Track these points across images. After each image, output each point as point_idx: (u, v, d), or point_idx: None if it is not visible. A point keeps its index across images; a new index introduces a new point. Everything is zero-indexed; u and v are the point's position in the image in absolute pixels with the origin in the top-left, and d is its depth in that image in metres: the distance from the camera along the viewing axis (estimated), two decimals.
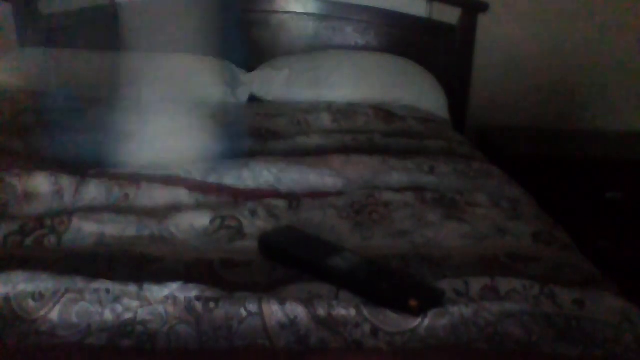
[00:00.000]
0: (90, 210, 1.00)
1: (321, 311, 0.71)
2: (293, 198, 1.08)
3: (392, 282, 0.79)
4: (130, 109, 1.63)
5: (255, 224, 0.98)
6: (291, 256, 0.86)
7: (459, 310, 0.72)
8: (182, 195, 1.07)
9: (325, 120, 1.61)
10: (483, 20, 2.09)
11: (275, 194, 1.12)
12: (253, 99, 1.91)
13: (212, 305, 0.72)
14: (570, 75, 2.19)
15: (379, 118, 1.63)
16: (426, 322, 0.71)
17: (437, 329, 0.71)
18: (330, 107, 1.75)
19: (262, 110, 1.74)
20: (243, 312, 0.71)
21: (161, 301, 0.72)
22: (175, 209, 1.02)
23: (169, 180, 1.12)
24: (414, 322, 0.71)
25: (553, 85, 2.20)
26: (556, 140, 2.12)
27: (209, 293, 0.74)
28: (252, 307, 0.71)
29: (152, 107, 1.57)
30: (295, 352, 0.68)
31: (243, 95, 1.90)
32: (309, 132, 1.50)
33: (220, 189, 1.12)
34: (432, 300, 0.76)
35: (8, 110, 1.57)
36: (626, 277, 1.13)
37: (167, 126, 1.39)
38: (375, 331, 0.70)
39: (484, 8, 2.07)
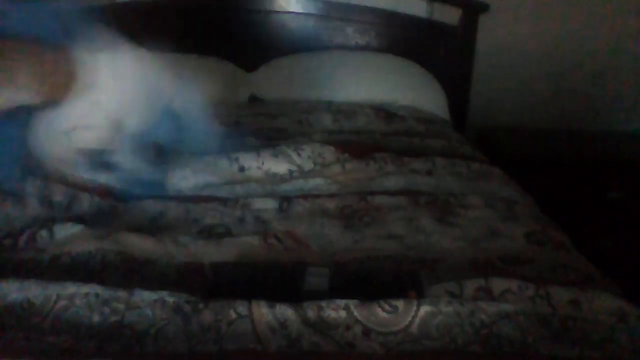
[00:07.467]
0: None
1: (311, 314, 0.70)
2: (284, 198, 1.08)
3: (378, 279, 0.80)
4: None
5: (245, 229, 0.97)
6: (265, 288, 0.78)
7: (453, 310, 0.71)
8: (170, 206, 1.06)
9: (327, 120, 1.61)
10: (483, 20, 2.09)
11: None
12: (253, 99, 1.91)
13: (200, 306, 0.71)
14: (571, 76, 2.18)
15: (379, 118, 1.63)
16: (417, 320, 0.71)
17: (430, 328, 0.70)
18: (330, 107, 1.75)
19: (263, 110, 1.74)
20: (232, 314, 0.70)
21: (149, 304, 0.71)
22: (163, 218, 1.02)
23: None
24: (405, 321, 0.71)
25: (553, 86, 2.19)
26: (556, 140, 2.11)
27: (198, 296, 0.73)
28: (242, 309, 0.70)
29: None
30: (287, 356, 0.68)
31: (243, 96, 1.90)
32: (311, 132, 1.50)
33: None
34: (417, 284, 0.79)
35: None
36: (627, 277, 1.12)
37: None
38: (367, 332, 0.70)
39: (485, 8, 2.06)
